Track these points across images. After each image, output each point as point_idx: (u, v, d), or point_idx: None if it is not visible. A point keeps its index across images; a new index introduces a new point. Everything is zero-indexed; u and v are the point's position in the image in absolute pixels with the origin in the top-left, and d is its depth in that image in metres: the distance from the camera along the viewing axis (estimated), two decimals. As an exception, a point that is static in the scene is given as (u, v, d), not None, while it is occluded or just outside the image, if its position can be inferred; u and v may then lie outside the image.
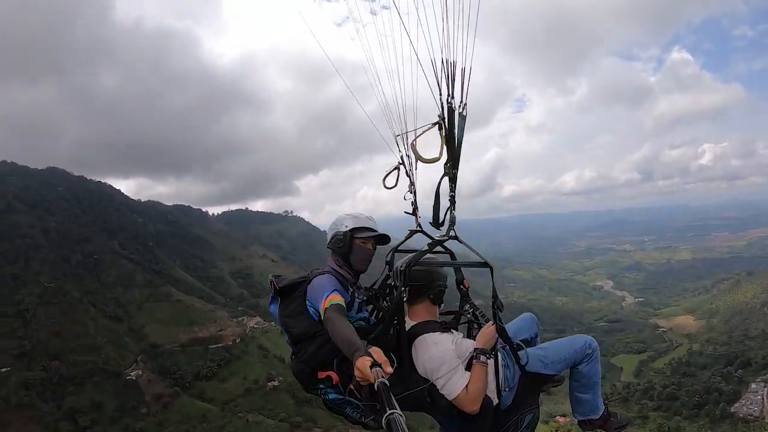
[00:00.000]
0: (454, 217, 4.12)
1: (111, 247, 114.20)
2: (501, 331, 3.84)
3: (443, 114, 3.85)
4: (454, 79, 3.75)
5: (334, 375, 3.57)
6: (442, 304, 4.18)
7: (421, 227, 4.38)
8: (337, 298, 3.43)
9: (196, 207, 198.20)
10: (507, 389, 3.89)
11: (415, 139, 4.18)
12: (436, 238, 4.07)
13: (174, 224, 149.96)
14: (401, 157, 4.46)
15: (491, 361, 3.82)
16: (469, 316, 4.43)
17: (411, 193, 4.51)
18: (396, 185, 4.51)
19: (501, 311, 3.85)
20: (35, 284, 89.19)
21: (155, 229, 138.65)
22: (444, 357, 3.71)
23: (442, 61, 3.69)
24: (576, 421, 4.49)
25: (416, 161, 4.32)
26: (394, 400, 2.20)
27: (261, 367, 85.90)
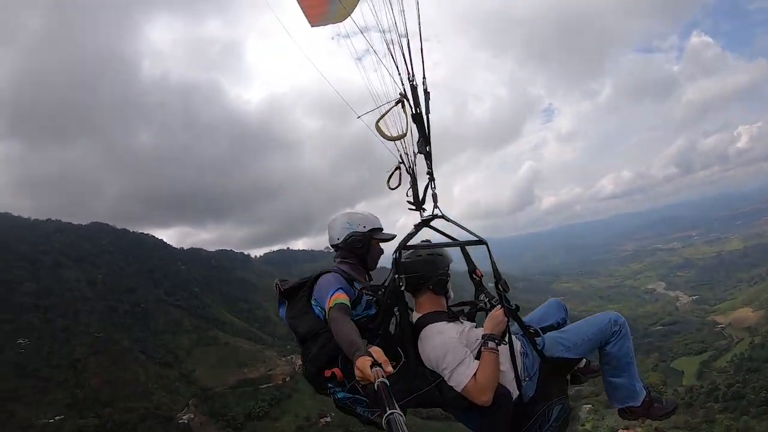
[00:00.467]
0: (436, 195, 4.24)
1: (157, 295, 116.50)
2: (512, 314, 3.69)
3: (404, 92, 4.10)
4: (411, 57, 4.00)
5: (337, 371, 3.50)
6: (450, 295, 4.09)
7: (423, 220, 4.25)
8: (342, 297, 3.45)
9: (238, 251, 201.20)
10: (527, 378, 3.68)
11: (379, 120, 4.24)
12: (422, 219, 4.14)
13: (217, 269, 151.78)
14: (400, 156, 4.45)
15: (504, 348, 3.64)
16: (484, 305, 4.20)
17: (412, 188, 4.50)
18: (399, 185, 4.53)
19: (507, 292, 3.72)
20: (85, 335, 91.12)
21: (199, 275, 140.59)
22: (448, 345, 3.58)
23: (394, 41, 4.01)
24: (616, 411, 4.15)
25: (415, 156, 4.36)
26: (394, 400, 2.19)
27: (312, 404, 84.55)
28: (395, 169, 4.51)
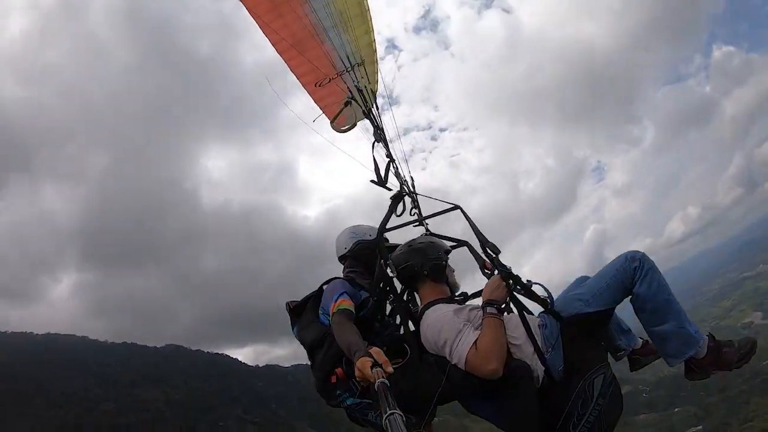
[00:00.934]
0: (398, 173, 4.80)
1: (235, 413, 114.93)
2: (509, 276, 3.49)
3: (351, 95, 5.14)
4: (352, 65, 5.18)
5: (339, 370, 3.47)
6: (453, 282, 4.00)
7: (394, 196, 4.54)
8: (345, 303, 3.53)
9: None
10: (549, 349, 3.28)
11: (332, 121, 5.38)
12: (392, 195, 4.46)
13: (295, 384, 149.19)
14: (400, 186, 4.76)
15: (518, 321, 3.43)
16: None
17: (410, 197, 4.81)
18: (404, 211, 4.64)
19: (497, 254, 3.62)
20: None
21: (277, 391, 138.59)
22: (442, 319, 3.43)
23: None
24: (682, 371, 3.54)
25: (374, 145, 5.02)
26: (394, 400, 2.15)
27: None
28: (398, 201, 4.58)
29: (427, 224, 4.62)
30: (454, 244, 4.16)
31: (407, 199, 4.77)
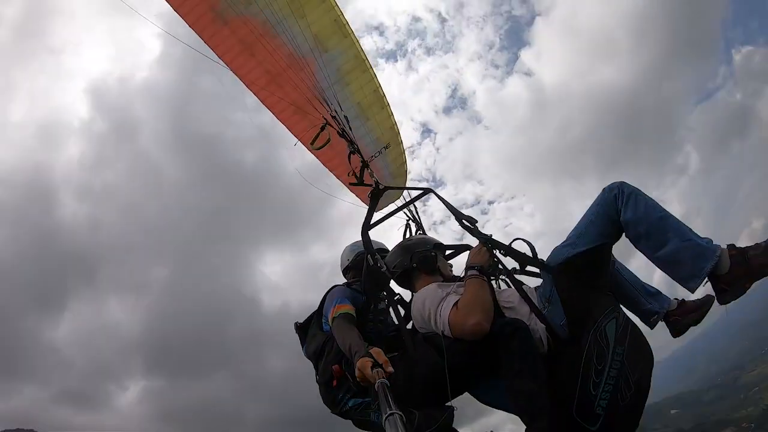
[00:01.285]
0: (371, 171, 5.09)
1: None
2: (489, 241, 3.46)
3: (326, 120, 5.50)
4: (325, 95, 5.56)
5: (336, 367, 3.39)
6: (448, 274, 3.87)
7: (373, 191, 4.62)
8: (345, 308, 3.52)
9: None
10: (546, 305, 3.12)
11: (312, 142, 5.72)
12: (371, 191, 4.59)
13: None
14: (375, 183, 4.79)
15: (508, 289, 3.43)
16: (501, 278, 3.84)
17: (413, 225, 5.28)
18: (414, 231, 5.16)
19: (474, 224, 3.65)
20: None
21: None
22: (426, 292, 3.40)
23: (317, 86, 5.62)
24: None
25: (350, 156, 5.36)
26: (394, 401, 2.10)
27: None
28: (377, 197, 4.68)
29: (418, 212, 5.30)
30: (453, 251, 4.17)
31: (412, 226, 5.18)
